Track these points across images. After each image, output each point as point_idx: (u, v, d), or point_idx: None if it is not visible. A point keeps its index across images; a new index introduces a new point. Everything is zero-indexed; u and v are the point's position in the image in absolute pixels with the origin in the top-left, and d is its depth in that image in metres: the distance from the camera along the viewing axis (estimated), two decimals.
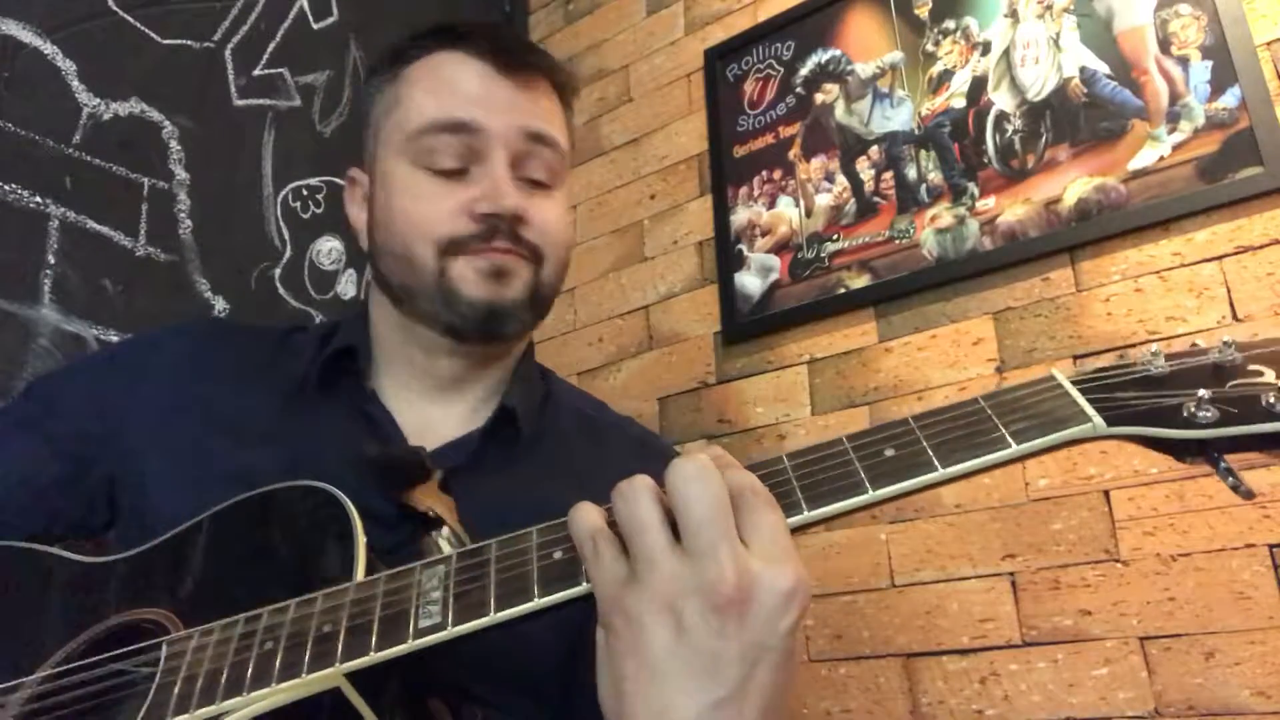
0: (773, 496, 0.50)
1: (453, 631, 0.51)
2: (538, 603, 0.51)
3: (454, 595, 0.52)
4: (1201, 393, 0.50)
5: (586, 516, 0.51)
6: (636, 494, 0.49)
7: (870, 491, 0.51)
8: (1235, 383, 0.51)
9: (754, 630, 0.46)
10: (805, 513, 0.51)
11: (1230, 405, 0.50)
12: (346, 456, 0.71)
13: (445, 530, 0.68)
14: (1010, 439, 0.51)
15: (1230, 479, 0.50)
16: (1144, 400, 0.52)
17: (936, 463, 0.51)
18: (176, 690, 0.54)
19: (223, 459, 0.76)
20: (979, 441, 0.52)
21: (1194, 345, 0.54)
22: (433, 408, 0.85)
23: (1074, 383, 0.53)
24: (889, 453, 0.52)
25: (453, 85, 0.80)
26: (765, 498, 0.49)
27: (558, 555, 0.52)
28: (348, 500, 0.63)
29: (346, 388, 0.83)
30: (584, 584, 0.50)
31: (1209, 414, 0.50)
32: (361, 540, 0.60)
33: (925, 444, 0.52)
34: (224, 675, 0.54)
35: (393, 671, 0.52)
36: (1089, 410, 0.51)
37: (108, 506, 0.80)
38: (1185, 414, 0.50)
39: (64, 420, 0.81)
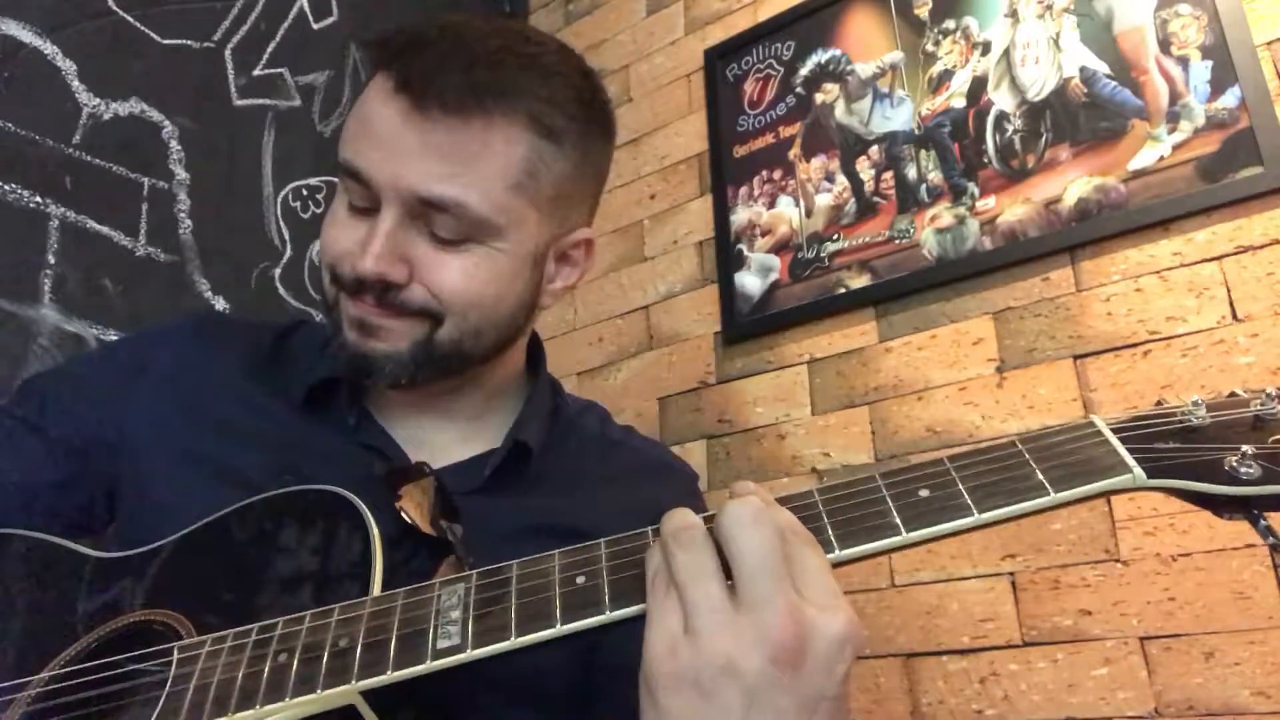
0: (813, 537, 0.49)
1: (472, 654, 0.50)
2: (559, 629, 0.50)
3: (474, 616, 0.52)
4: (1245, 448, 0.49)
5: (655, 556, 0.49)
6: (695, 540, 0.48)
7: (904, 534, 0.50)
8: (1278, 438, 0.50)
9: (811, 681, 0.45)
10: (837, 552, 0.50)
11: (1273, 462, 0.48)
12: (345, 473, 0.70)
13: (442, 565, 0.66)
14: (1049, 486, 0.50)
15: (1270, 538, 0.49)
16: (1185, 453, 0.51)
17: (973, 507, 0.50)
18: (188, 699, 0.54)
19: (222, 461, 0.75)
20: (1017, 488, 0.50)
21: (1234, 395, 0.53)
22: (424, 420, 0.83)
23: (1114, 430, 0.52)
24: (924, 493, 0.51)
25: (366, 123, 0.72)
26: (807, 538, 0.48)
27: (580, 581, 0.52)
28: (367, 511, 0.63)
29: (341, 406, 0.81)
30: (607, 612, 0.50)
31: (1252, 470, 0.48)
32: (379, 554, 0.60)
33: (961, 486, 0.51)
34: (237, 686, 0.53)
35: (407, 689, 0.52)
36: (1129, 461, 0.50)
37: (107, 508, 0.80)
38: (1227, 468, 0.49)
39: (62, 421, 0.79)
